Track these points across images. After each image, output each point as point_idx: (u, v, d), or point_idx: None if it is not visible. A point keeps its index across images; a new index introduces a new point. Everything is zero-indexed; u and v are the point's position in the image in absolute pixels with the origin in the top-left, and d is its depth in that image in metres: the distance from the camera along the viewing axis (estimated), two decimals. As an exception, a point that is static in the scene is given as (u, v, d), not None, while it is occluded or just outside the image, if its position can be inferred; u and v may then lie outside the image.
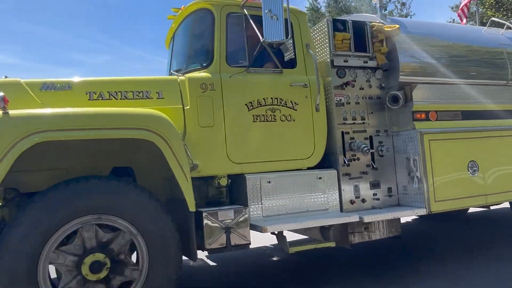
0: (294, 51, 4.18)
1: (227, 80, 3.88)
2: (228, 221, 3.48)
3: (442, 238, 6.13)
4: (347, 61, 4.36)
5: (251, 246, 3.62)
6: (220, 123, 3.80)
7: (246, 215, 3.55)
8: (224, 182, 3.79)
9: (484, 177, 4.54)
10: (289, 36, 3.67)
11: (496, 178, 4.64)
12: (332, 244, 3.88)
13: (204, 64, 3.97)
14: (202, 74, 3.87)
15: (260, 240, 4.73)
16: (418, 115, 4.34)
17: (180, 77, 3.87)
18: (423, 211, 4.19)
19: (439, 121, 4.44)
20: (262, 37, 3.67)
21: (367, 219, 3.94)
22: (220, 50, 3.95)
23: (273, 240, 4.42)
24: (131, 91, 3.64)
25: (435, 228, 6.85)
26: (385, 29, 4.43)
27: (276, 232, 3.81)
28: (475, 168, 4.50)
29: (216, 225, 3.45)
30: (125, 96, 3.61)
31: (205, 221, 3.42)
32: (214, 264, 5.40)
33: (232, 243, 3.47)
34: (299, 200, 3.98)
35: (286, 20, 3.57)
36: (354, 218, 3.89)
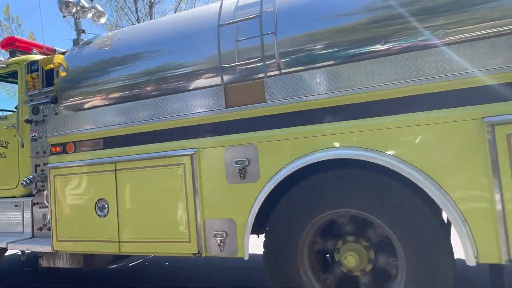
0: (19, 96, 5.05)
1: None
2: None
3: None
4: (32, 100, 4.68)
5: None
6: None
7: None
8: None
9: (115, 220, 3.66)
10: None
11: (131, 223, 3.59)
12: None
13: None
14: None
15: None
16: (53, 148, 4.12)
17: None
18: (49, 248, 4.07)
19: (77, 153, 3.98)
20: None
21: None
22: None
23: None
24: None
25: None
26: (48, 60, 4.37)
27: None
28: (105, 209, 3.73)
29: None
30: None
31: None
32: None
33: None
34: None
35: None
36: (-1, 244, 4.47)
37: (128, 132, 3.69)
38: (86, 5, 4.55)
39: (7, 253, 5.30)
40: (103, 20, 4.82)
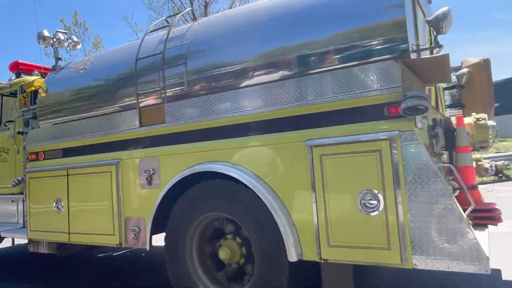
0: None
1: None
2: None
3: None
4: (23, 115, 5.72)
5: None
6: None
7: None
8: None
9: (66, 216, 4.55)
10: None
11: (77, 218, 4.45)
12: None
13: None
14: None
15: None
16: (31, 156, 5.10)
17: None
18: (25, 237, 5.07)
19: (45, 160, 4.92)
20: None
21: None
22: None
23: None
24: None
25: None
26: (30, 84, 5.37)
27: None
28: (60, 206, 4.63)
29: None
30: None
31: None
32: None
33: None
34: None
35: None
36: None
37: (77, 145, 4.57)
38: (62, 37, 5.50)
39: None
40: (78, 47, 5.76)
